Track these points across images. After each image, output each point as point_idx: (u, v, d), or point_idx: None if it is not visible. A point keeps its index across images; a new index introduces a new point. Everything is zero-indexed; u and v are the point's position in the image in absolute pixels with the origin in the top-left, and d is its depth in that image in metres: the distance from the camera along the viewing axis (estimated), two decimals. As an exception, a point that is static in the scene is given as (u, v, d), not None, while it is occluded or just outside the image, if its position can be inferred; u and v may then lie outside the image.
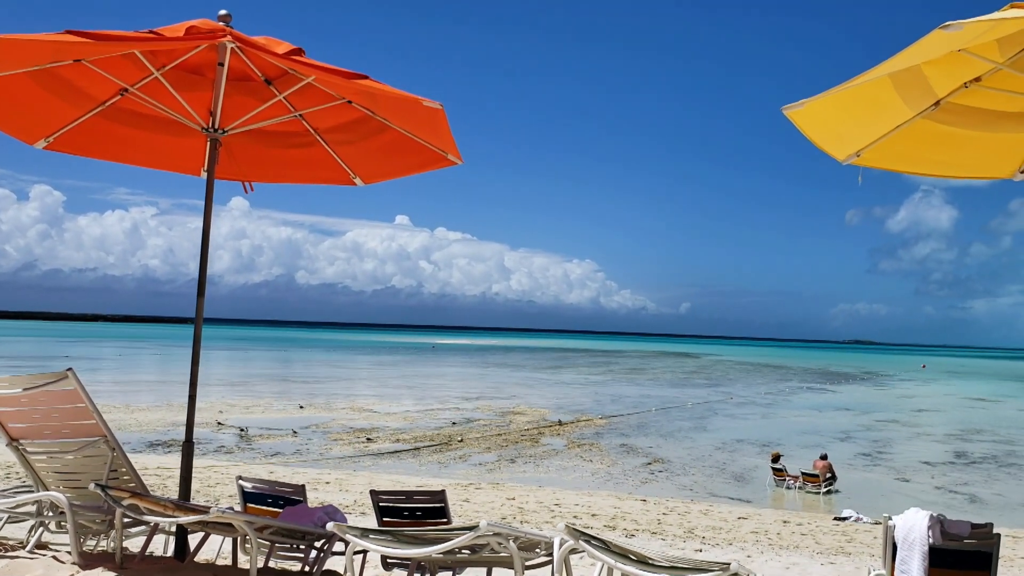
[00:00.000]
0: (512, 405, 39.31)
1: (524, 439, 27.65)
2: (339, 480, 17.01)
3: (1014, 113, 5.25)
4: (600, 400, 44.82)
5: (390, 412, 34.70)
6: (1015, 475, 25.05)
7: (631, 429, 32.36)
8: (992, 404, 55.60)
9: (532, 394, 46.82)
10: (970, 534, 4.67)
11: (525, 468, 22.08)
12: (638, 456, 25.35)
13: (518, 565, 4.04)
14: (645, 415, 38.07)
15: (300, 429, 27.89)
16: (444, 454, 23.98)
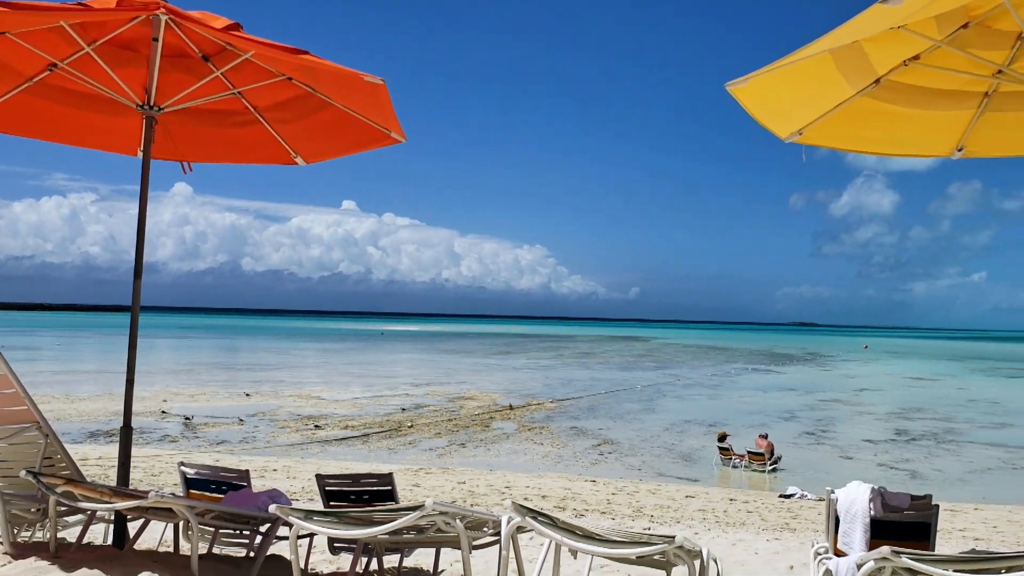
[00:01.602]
0: (462, 390, 39.25)
1: (475, 424, 27.64)
2: (287, 468, 16.81)
3: (952, 91, 5.34)
4: (550, 384, 45.00)
5: (338, 399, 34.40)
6: (953, 451, 25.76)
7: (581, 412, 32.56)
8: (931, 383, 57.12)
9: (483, 379, 46.82)
10: (910, 506, 4.75)
11: (476, 452, 22.08)
12: (588, 438, 25.50)
13: (465, 544, 4.01)
14: (595, 398, 38.33)
15: (247, 417, 27.50)
16: (393, 440, 23.85)
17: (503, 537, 3.92)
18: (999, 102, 5.37)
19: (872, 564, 3.49)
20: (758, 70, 4.48)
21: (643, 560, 3.89)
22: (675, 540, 3.52)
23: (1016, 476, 21.75)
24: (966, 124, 5.52)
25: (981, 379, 62.71)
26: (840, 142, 5.61)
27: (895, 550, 3.40)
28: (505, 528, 3.98)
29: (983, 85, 5.27)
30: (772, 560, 8.52)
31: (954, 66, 5.01)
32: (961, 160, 5.80)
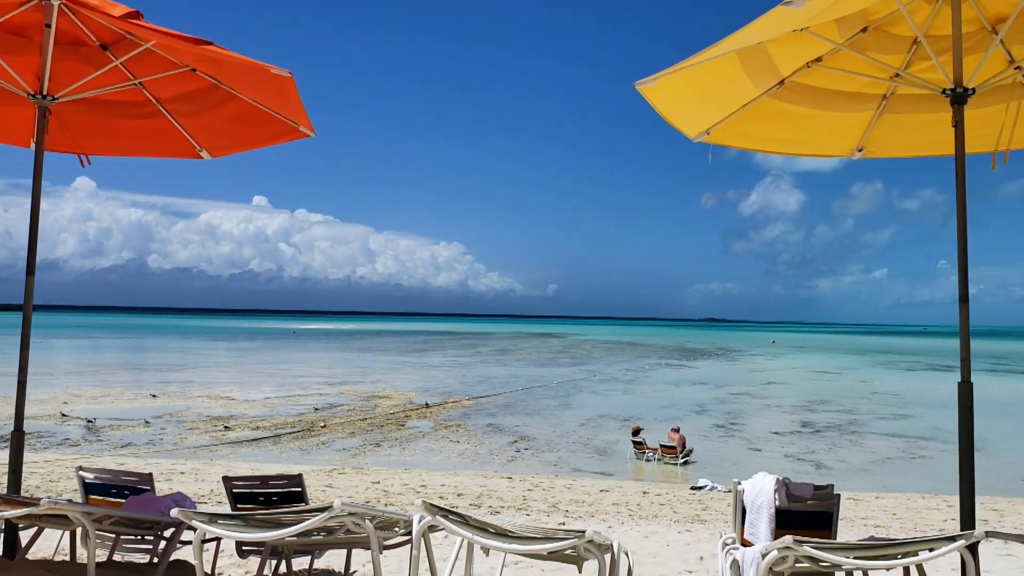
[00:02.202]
0: (377, 389, 38.87)
1: (390, 423, 27.40)
2: (195, 470, 16.34)
3: (852, 93, 5.51)
4: (467, 382, 44.96)
5: (249, 399, 33.63)
6: (856, 442, 26.71)
7: (498, 409, 32.62)
8: (835, 376, 59.19)
9: (398, 378, 46.46)
10: (813, 495, 4.88)
11: (391, 452, 21.88)
12: (505, 435, 25.56)
13: (375, 544, 3.95)
14: (512, 395, 38.46)
15: (153, 419, 26.64)
16: (306, 440, 23.45)
17: (414, 536, 3.88)
18: (896, 104, 5.57)
19: (775, 554, 3.57)
20: (666, 70, 4.53)
21: (554, 555, 3.90)
22: (585, 535, 3.54)
23: (914, 465, 22.67)
24: (866, 125, 5.71)
25: (882, 372, 65.30)
26: (746, 142, 5.73)
27: (797, 539, 3.48)
28: (416, 527, 3.94)
29: (882, 88, 5.46)
30: (683, 551, 8.69)
31: (854, 69, 5.17)
32: (863, 161, 6.00)
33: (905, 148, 5.86)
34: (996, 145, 5.33)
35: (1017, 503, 15.90)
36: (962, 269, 4.43)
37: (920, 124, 5.61)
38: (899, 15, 4.82)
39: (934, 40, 4.89)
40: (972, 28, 4.86)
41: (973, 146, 5.42)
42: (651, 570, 7.63)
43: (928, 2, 4.71)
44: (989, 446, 25.70)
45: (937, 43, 4.88)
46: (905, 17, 4.40)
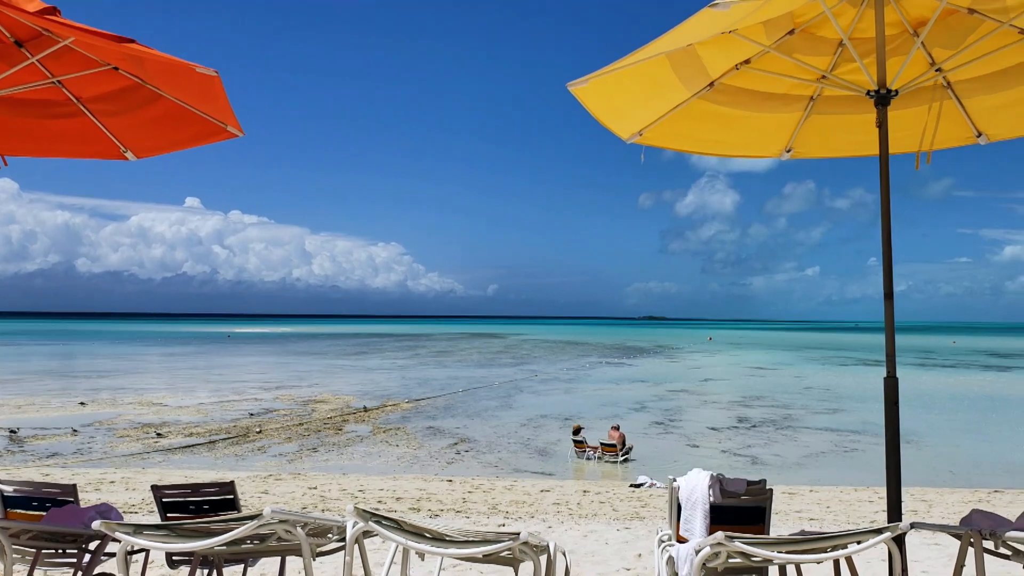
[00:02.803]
0: (315, 393, 38.38)
1: (327, 427, 27.07)
2: (125, 479, 15.91)
3: (780, 94, 5.60)
4: (407, 384, 44.69)
5: (182, 405, 32.90)
6: (791, 437, 27.27)
7: (438, 411, 32.49)
8: (770, 372, 60.40)
9: (336, 381, 45.95)
10: (746, 491, 4.94)
11: (328, 456, 21.62)
12: (445, 437, 25.47)
13: (306, 551, 3.87)
14: (452, 396, 38.35)
15: (81, 427, 25.87)
16: (241, 446, 23.02)
17: (347, 543, 3.81)
18: (823, 106, 5.68)
19: (707, 550, 3.60)
20: (597, 71, 4.54)
21: (490, 558, 3.88)
22: (520, 537, 3.52)
23: (847, 458, 23.22)
24: (794, 126, 5.80)
25: (815, 367, 66.84)
26: (679, 143, 5.77)
27: (729, 535, 3.52)
28: (349, 533, 3.88)
29: (809, 89, 5.55)
30: (622, 549, 8.75)
31: (782, 70, 5.25)
32: (795, 161, 6.10)
33: (832, 149, 5.97)
34: (919, 146, 5.46)
35: (945, 493, 16.40)
36: (887, 267, 4.53)
37: (846, 125, 5.73)
38: (825, 18, 4.92)
39: (859, 42, 5.00)
40: (895, 31, 4.98)
41: (897, 146, 5.56)
42: (590, 569, 7.66)
43: (852, 5, 4.80)
44: (919, 438, 26.48)
45: (862, 45, 4.99)
46: (831, 20, 4.48)
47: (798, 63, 5.04)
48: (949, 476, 20.35)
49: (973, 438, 27.49)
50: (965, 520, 4.32)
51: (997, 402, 39.85)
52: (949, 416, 33.21)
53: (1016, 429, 30.10)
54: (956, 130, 5.49)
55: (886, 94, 4.66)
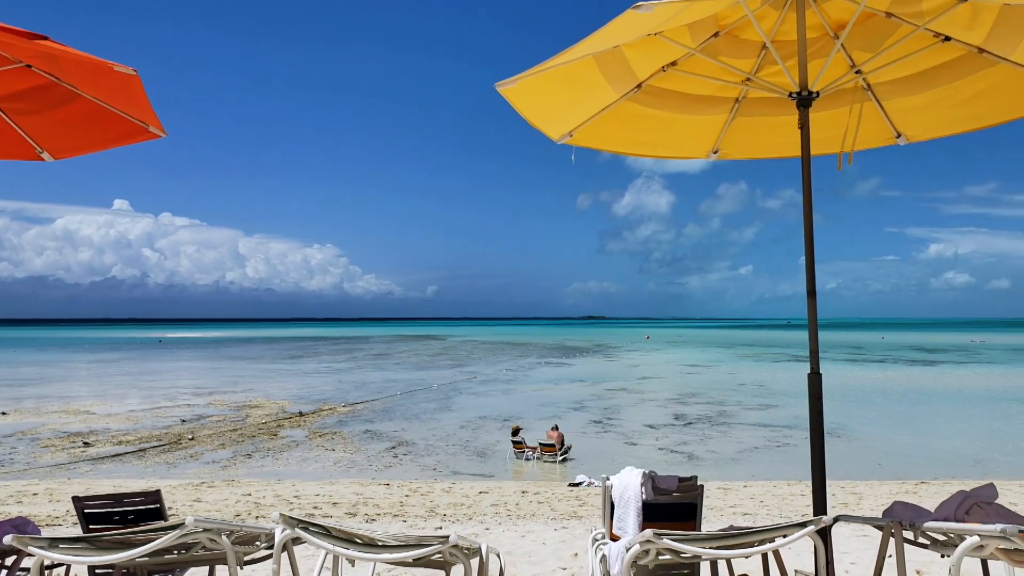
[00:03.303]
0: (249, 399, 37.74)
1: (262, 433, 26.64)
2: (49, 490, 15.40)
3: (707, 96, 5.67)
4: (344, 388, 44.23)
5: (111, 413, 32.03)
6: (725, 433, 27.73)
7: (375, 415, 32.22)
8: (705, 369, 61.35)
9: (271, 386, 45.24)
10: (678, 488, 4.98)
11: (263, 462, 21.27)
12: (382, 441, 25.27)
13: (232, 560, 3.79)
14: (390, 400, 38.08)
15: (4, 438, 25.02)
16: (173, 454, 22.51)
17: (274, 551, 3.74)
18: (748, 108, 5.77)
19: (637, 548, 3.62)
20: (526, 72, 4.53)
21: (421, 562, 3.84)
22: (449, 540, 3.49)
23: (779, 453, 23.70)
24: (720, 128, 5.89)
25: (749, 364, 68.11)
26: (608, 144, 5.81)
27: (657, 532, 3.54)
28: (277, 541, 3.80)
29: (734, 91, 5.64)
30: (559, 549, 8.76)
31: (707, 73, 5.32)
32: (729, 163, 6.19)
33: (757, 150, 6.07)
34: (841, 147, 5.59)
35: (875, 486, 16.83)
36: (809, 265, 4.61)
37: (770, 127, 5.83)
38: (748, 21, 4.99)
39: (781, 45, 5.09)
40: (816, 34, 5.08)
41: (819, 147, 5.68)
42: (526, 569, 7.65)
43: (775, 8, 4.89)
44: (849, 432, 27.17)
45: (784, 48, 5.08)
46: (753, 23, 4.54)
47: (723, 65, 5.10)
48: (878, 469, 20.90)
49: (901, 431, 28.32)
50: (887, 511, 4.43)
51: (924, 395, 41.14)
52: (878, 410, 34.15)
53: (941, 421, 31.11)
54: (876, 131, 5.62)
55: (808, 96, 4.75)
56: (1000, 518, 4.16)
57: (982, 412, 33.99)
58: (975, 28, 4.55)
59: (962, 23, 4.57)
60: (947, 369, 61.86)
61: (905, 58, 4.92)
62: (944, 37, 4.74)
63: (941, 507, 4.40)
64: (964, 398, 39.64)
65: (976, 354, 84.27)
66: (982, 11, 4.42)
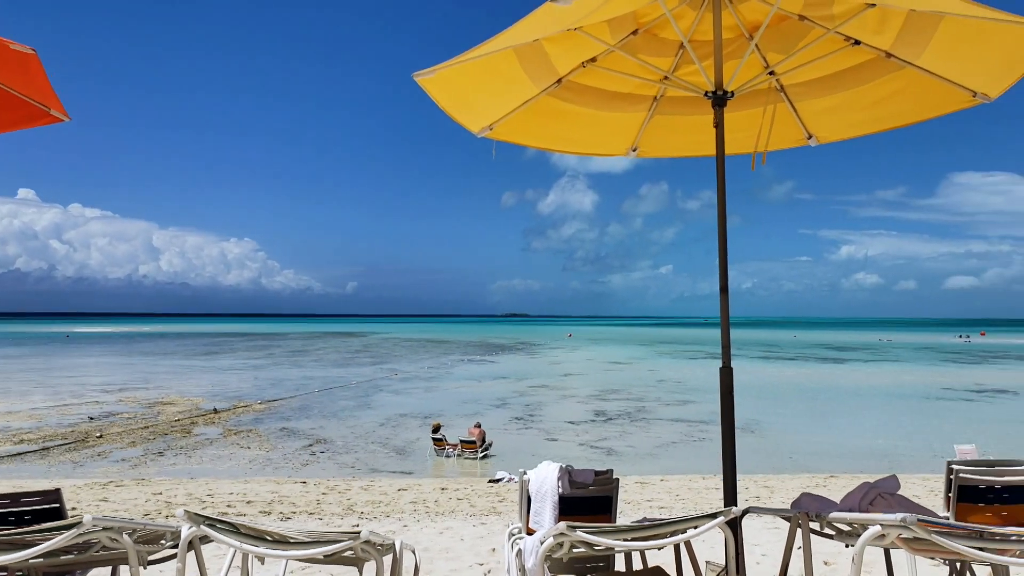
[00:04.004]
0: (161, 395, 36.69)
1: (175, 430, 25.92)
2: (-56, 492, 14.68)
3: (626, 94, 5.70)
4: (260, 385, 43.38)
5: (13, 411, 30.73)
6: (644, 428, 28.16)
7: (292, 412, 31.69)
8: (626, 366, 62.21)
9: (185, 383, 44.08)
10: (594, 481, 5.01)
11: (175, 460, 20.70)
12: (299, 439, 24.87)
13: (134, 560, 3.65)
14: (308, 397, 37.50)
15: None
16: (79, 452, 21.72)
17: (179, 549, 3.61)
18: (666, 106, 5.82)
19: (551, 541, 3.61)
20: (445, 62, 4.47)
21: (332, 559, 3.76)
22: (361, 535, 3.43)
23: (696, 448, 24.18)
24: (639, 126, 5.93)
25: (668, 361, 69.35)
26: (528, 139, 5.78)
27: (571, 525, 3.54)
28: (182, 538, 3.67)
29: (652, 89, 5.68)
30: (476, 544, 8.74)
31: (627, 70, 5.34)
32: (651, 163, 6.28)
33: (675, 148, 6.13)
34: (755, 146, 5.69)
35: (786, 479, 17.31)
36: (722, 262, 4.68)
37: (688, 125, 5.89)
38: (667, 20, 5.04)
39: (698, 45, 5.16)
40: (732, 35, 5.16)
41: (734, 147, 5.77)
42: (443, 566, 7.61)
43: (692, 8, 4.95)
44: (762, 427, 27.89)
45: (701, 48, 5.15)
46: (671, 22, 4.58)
47: (642, 63, 5.14)
48: (790, 462, 21.50)
49: (812, 426, 29.19)
50: (795, 503, 4.53)
51: (834, 392, 42.52)
52: (790, 406, 35.15)
53: (850, 417, 32.19)
54: (789, 132, 5.74)
55: (723, 95, 4.82)
56: (901, 508, 4.30)
57: (888, 408, 35.33)
58: (883, 33, 4.68)
59: (871, 27, 4.70)
60: (856, 367, 64.11)
61: (816, 60, 5.04)
62: (854, 41, 4.87)
63: (846, 498, 4.52)
64: (872, 395, 41.14)
65: (883, 352, 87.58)
66: (890, 16, 4.55)
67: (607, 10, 4.21)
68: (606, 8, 4.13)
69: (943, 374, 55.73)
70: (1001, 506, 4.76)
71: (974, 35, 4.26)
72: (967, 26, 4.20)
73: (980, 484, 4.75)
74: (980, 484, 4.75)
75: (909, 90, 4.99)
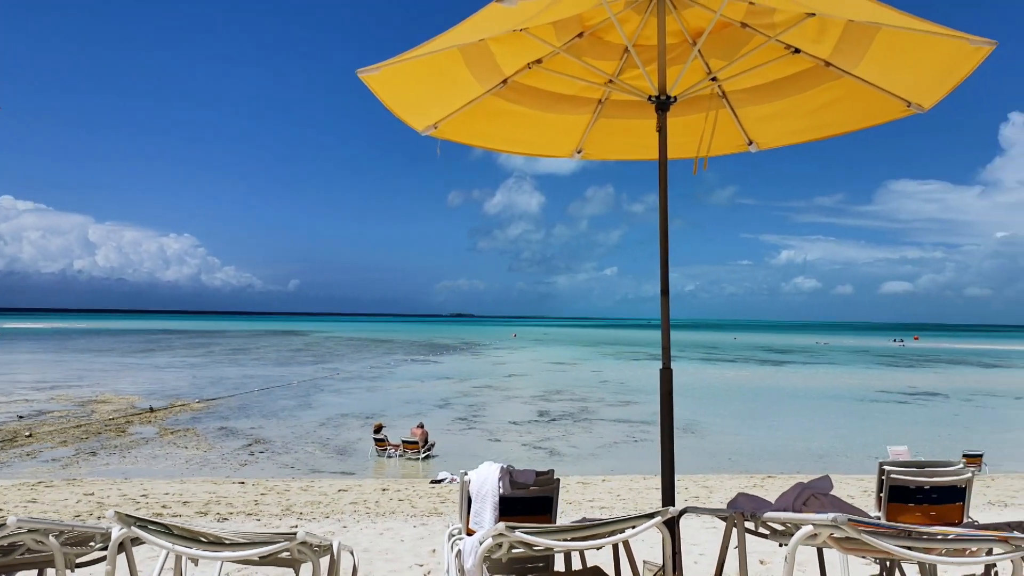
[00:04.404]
0: (95, 394, 35.78)
1: (109, 429, 25.30)
2: None
3: (571, 96, 5.72)
4: (198, 383, 42.58)
5: (-63, 409, 29.73)
6: (587, 429, 28.33)
7: (231, 411, 31.18)
8: (570, 367, 62.56)
9: (120, 380, 43.05)
10: (535, 481, 5.02)
11: (109, 460, 20.20)
12: (238, 438, 24.48)
13: (60, 563, 3.54)
14: (247, 396, 36.94)
15: None
16: (7, 452, 21.06)
17: (108, 551, 3.52)
18: (611, 109, 5.86)
19: (490, 541, 3.61)
20: (390, 59, 4.44)
21: (268, 560, 3.70)
22: (296, 536, 3.38)
23: (637, 448, 24.42)
24: (584, 128, 5.95)
25: (611, 362, 69.95)
26: (473, 138, 5.76)
27: (509, 525, 3.54)
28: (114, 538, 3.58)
29: (597, 92, 5.71)
30: (416, 545, 8.70)
31: (572, 72, 5.36)
32: (597, 166, 6.35)
33: (619, 151, 6.18)
34: (697, 151, 5.76)
35: (725, 479, 17.58)
36: (664, 265, 4.73)
37: (632, 129, 5.94)
38: (612, 23, 5.07)
39: (642, 49, 5.20)
40: (676, 40, 5.22)
41: (677, 152, 5.84)
42: (383, 567, 7.56)
43: (637, 12, 4.98)
44: (702, 428, 28.28)
45: (645, 52, 5.20)
46: (616, 26, 4.61)
47: (587, 66, 5.17)
48: (728, 463, 21.84)
49: (751, 427, 29.71)
50: (732, 503, 4.59)
51: (772, 394, 43.33)
52: (730, 407, 35.72)
53: (788, 418, 32.84)
54: (730, 137, 5.82)
55: (666, 100, 4.86)
56: (834, 508, 4.40)
57: (825, 410, 36.12)
58: (822, 42, 4.77)
59: (810, 36, 4.79)
60: (794, 369, 65.44)
61: (758, 68, 5.11)
62: (794, 49, 4.95)
63: (780, 498, 4.60)
64: (809, 397, 42.02)
65: (821, 355, 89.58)
66: (829, 26, 4.64)
67: (553, 12, 4.22)
68: (552, 10, 4.14)
69: (878, 377, 57.24)
70: (930, 506, 4.90)
71: (909, 47, 4.37)
72: (902, 38, 4.31)
73: (910, 485, 4.88)
74: (910, 485, 4.88)
75: (847, 99, 5.09)
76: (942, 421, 32.81)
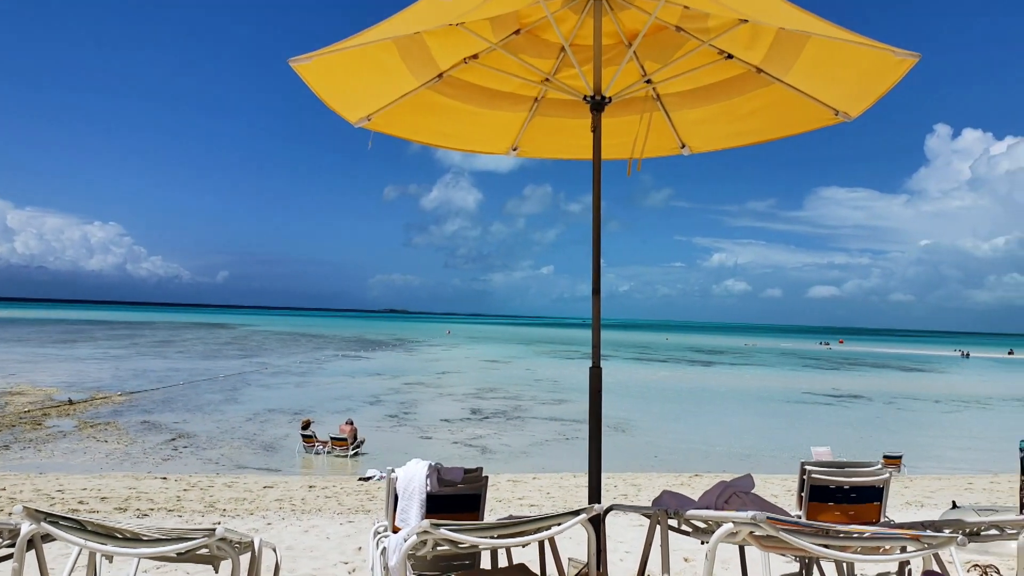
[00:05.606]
0: (10, 385, 34.50)
1: (23, 422, 24.44)
2: None
3: (507, 93, 5.71)
4: (121, 376, 41.43)
5: None
6: (519, 427, 28.41)
7: (155, 405, 30.42)
8: (504, 365, 62.65)
9: (37, 371, 41.58)
10: (463, 479, 5.00)
11: (23, 454, 19.52)
12: (161, 433, 23.89)
13: (-37, 561, 3.40)
14: (172, 390, 36.07)
15: None
16: (-87, 446, 20.22)
17: (16, 548, 3.39)
18: (547, 108, 5.87)
19: (414, 538, 3.59)
20: (322, 49, 4.36)
21: (187, 557, 3.61)
22: (216, 533, 3.31)
23: (568, 446, 24.57)
24: (520, 125, 5.95)
25: (545, 360, 70.30)
26: (408, 132, 5.71)
27: (434, 522, 3.53)
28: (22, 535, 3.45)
29: (533, 90, 5.72)
30: (343, 543, 8.61)
31: (508, 69, 5.36)
32: (535, 165, 6.33)
33: (554, 150, 6.20)
34: (631, 153, 5.81)
35: (653, 478, 17.83)
36: (596, 264, 4.76)
37: (567, 128, 5.96)
38: (548, 22, 5.08)
39: (579, 49, 5.22)
40: (611, 41, 5.25)
41: (611, 152, 5.88)
42: (307, 564, 7.46)
43: (574, 12, 5.00)
44: (632, 427, 28.62)
45: (581, 52, 5.22)
46: (553, 25, 4.62)
47: (523, 63, 5.16)
48: (657, 461, 22.15)
49: (679, 426, 30.19)
50: (656, 501, 4.65)
51: (701, 393, 44.11)
52: (660, 406, 36.24)
53: (716, 418, 33.46)
54: (664, 140, 5.89)
55: (600, 100, 4.89)
56: (754, 506, 4.48)
57: (751, 410, 36.92)
58: (754, 48, 4.86)
59: (743, 42, 4.87)
60: (722, 370, 66.70)
61: (691, 72, 5.19)
62: (727, 55, 5.03)
63: (703, 496, 4.68)
64: (737, 397, 42.90)
65: (748, 356, 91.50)
66: (761, 33, 4.73)
67: (489, 8, 4.20)
68: (488, 6, 4.12)
69: (804, 379, 58.72)
70: (849, 505, 5.03)
71: (837, 57, 4.47)
72: (831, 48, 4.41)
73: (830, 484, 5.01)
74: (830, 484, 5.01)
75: (777, 105, 5.19)
76: (864, 423, 33.81)
